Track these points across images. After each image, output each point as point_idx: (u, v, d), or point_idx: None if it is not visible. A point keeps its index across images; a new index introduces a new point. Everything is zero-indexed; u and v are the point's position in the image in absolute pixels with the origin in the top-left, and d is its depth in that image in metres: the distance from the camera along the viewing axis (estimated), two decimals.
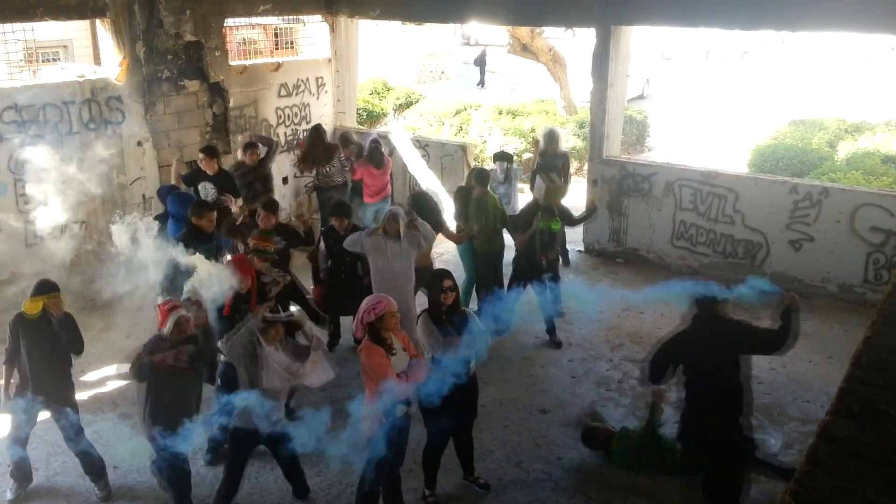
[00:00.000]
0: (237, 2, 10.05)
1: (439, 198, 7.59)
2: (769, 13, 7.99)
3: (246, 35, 12.04)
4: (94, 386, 6.76)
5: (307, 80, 11.26)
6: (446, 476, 5.47)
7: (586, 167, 9.98)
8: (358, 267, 6.99)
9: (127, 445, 5.43)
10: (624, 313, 8.27)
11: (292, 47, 12.20)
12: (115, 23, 8.88)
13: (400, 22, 19.21)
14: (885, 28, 7.72)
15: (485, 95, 21.14)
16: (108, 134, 8.88)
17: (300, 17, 11.70)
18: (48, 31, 11.64)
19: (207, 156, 8.18)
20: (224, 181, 8.26)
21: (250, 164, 8.65)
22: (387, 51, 22.15)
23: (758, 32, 27.62)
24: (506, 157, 9.24)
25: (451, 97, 18.13)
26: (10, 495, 5.30)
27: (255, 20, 11.39)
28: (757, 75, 27.42)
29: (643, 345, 7.56)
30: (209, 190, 8.15)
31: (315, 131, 9.72)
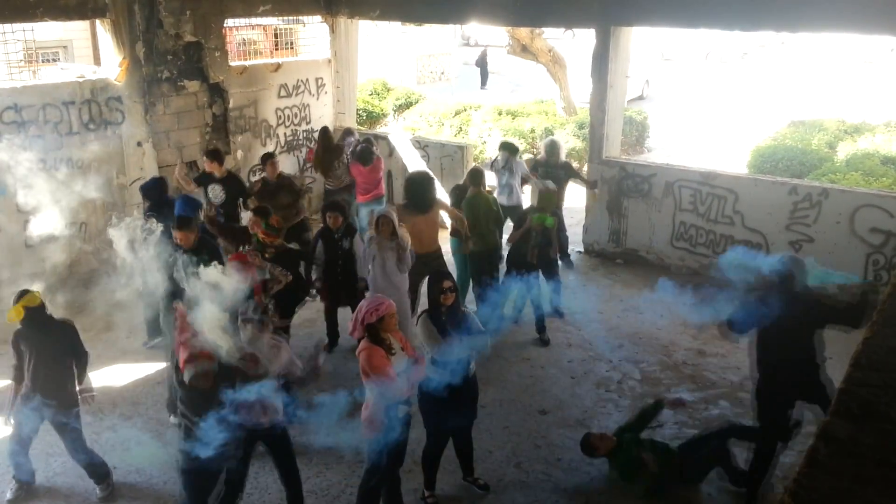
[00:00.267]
0: (237, 2, 10.05)
1: (432, 176, 7.58)
2: (769, 14, 7.99)
3: (246, 35, 12.06)
4: (94, 387, 6.72)
5: (307, 80, 11.27)
6: (446, 477, 5.48)
7: (586, 168, 9.97)
8: (354, 266, 7.05)
9: (134, 447, 5.46)
10: (623, 314, 8.28)
11: (292, 48, 12.22)
12: (115, 23, 8.88)
13: (399, 23, 19.21)
14: (884, 29, 7.73)
15: (484, 96, 21.15)
16: (107, 134, 8.88)
17: (300, 17, 11.71)
18: (48, 31, 11.66)
19: (210, 159, 8.17)
20: (232, 184, 8.27)
21: (272, 176, 8.45)
22: (386, 51, 22.16)
23: (757, 33, 27.67)
24: (510, 147, 9.14)
25: (451, 98, 18.13)
26: (9, 495, 5.30)
27: (254, 21, 11.41)
28: (756, 76, 27.44)
29: (643, 345, 7.57)
30: (217, 192, 8.17)
31: (324, 134, 9.63)
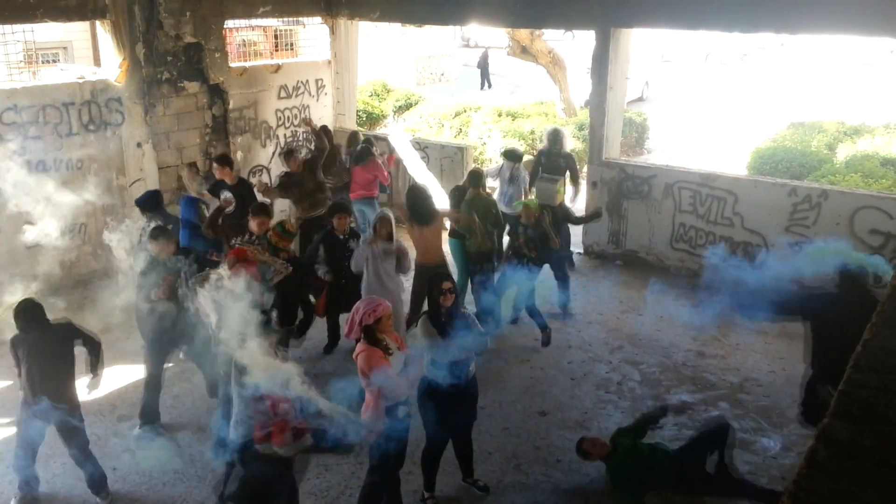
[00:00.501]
0: (237, 3, 10.06)
1: (427, 193, 7.60)
2: (768, 16, 8.00)
3: (246, 37, 12.05)
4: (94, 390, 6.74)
5: (307, 81, 11.28)
6: (445, 478, 5.47)
7: (586, 169, 9.98)
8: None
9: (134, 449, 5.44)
10: (623, 315, 8.28)
11: (292, 49, 12.22)
12: (115, 24, 8.88)
13: (399, 24, 19.21)
14: (883, 31, 7.74)
15: (484, 97, 21.15)
16: (107, 136, 8.88)
17: (300, 18, 11.71)
18: (48, 32, 11.63)
19: (221, 165, 8.09)
20: (243, 190, 8.16)
21: (295, 170, 8.51)
22: (386, 53, 22.16)
23: (757, 35, 27.65)
24: (514, 156, 8.93)
25: (451, 99, 18.13)
26: (14, 502, 5.29)
27: (254, 22, 11.40)
28: (756, 78, 27.45)
29: (642, 347, 7.57)
30: (229, 199, 8.12)
31: (325, 133, 9.63)
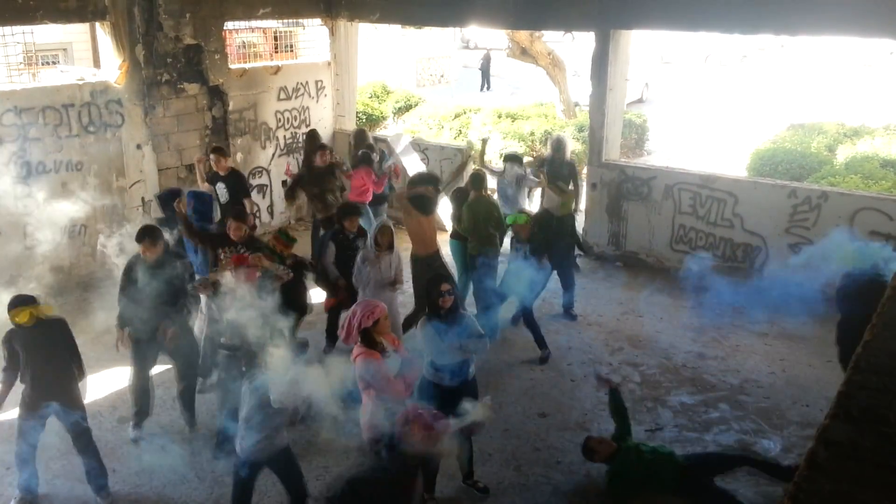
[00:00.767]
0: (237, 5, 10.06)
1: (432, 198, 7.64)
2: (768, 17, 8.00)
3: (245, 38, 12.04)
4: (93, 389, 6.73)
5: (307, 83, 11.28)
6: (445, 480, 5.47)
7: (585, 171, 9.97)
8: None
9: (134, 450, 5.43)
10: (623, 317, 8.28)
11: (292, 51, 12.22)
12: (115, 26, 8.88)
13: (399, 25, 19.23)
14: (883, 32, 7.73)
15: (484, 99, 21.15)
16: (107, 137, 8.88)
17: (300, 20, 11.72)
18: (48, 33, 11.65)
19: (218, 154, 8.22)
20: (234, 181, 8.29)
21: (321, 164, 8.57)
22: (386, 54, 22.16)
23: (757, 36, 27.61)
24: (515, 159, 9.09)
25: (451, 101, 18.12)
26: (14, 503, 5.29)
27: (254, 23, 11.40)
28: (756, 79, 27.44)
29: (642, 348, 7.57)
30: (222, 192, 8.17)
31: (311, 137, 9.63)
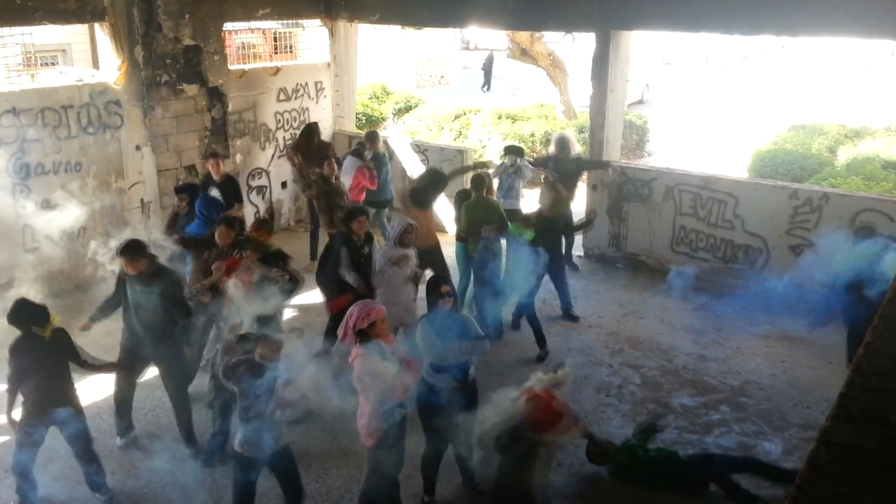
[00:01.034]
0: (236, 6, 10.05)
1: (432, 190, 7.69)
2: (769, 18, 7.99)
3: (245, 39, 12.04)
4: (92, 391, 6.71)
5: (306, 84, 11.27)
6: (445, 482, 5.45)
7: (586, 172, 9.96)
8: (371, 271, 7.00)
9: (134, 451, 5.39)
10: (624, 318, 8.26)
11: (291, 51, 12.22)
12: (114, 27, 8.87)
13: (399, 26, 19.24)
14: (884, 33, 7.72)
15: (484, 100, 21.15)
16: (106, 138, 8.87)
17: (299, 21, 11.71)
18: (47, 34, 11.65)
19: (216, 159, 8.28)
20: (228, 187, 8.26)
21: (328, 174, 8.65)
22: (386, 55, 22.17)
23: (758, 37, 27.60)
24: (516, 150, 9.27)
25: (451, 102, 18.13)
26: None
27: (254, 24, 11.39)
28: (757, 80, 27.45)
29: (643, 350, 7.55)
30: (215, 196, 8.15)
31: (309, 131, 9.73)
